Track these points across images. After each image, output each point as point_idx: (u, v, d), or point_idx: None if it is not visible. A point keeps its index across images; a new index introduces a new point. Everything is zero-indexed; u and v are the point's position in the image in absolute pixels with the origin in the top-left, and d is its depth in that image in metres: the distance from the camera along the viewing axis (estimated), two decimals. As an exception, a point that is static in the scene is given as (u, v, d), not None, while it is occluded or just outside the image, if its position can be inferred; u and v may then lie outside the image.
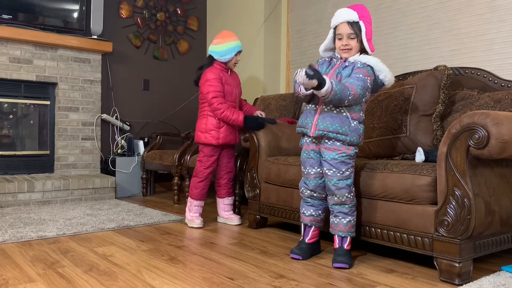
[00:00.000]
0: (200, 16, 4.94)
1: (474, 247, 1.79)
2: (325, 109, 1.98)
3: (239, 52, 2.81)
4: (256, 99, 3.95)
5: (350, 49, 2.03)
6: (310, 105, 2.06)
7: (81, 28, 4.03)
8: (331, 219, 2.05)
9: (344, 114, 1.97)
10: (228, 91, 2.77)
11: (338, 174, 1.98)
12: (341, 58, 2.08)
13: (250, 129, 2.77)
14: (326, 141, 2.00)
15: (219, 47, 2.77)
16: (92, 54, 4.12)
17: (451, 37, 2.86)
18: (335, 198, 2.01)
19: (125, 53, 4.44)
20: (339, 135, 1.95)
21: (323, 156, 2.02)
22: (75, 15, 4.02)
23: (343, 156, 1.98)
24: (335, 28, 2.07)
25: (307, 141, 2.08)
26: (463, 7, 2.80)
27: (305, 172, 2.10)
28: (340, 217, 2.01)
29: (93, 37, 4.05)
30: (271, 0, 4.12)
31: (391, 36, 3.20)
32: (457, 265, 1.74)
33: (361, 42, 2.02)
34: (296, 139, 2.81)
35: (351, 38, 2.02)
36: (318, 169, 2.06)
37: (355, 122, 1.98)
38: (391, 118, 2.44)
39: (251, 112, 2.93)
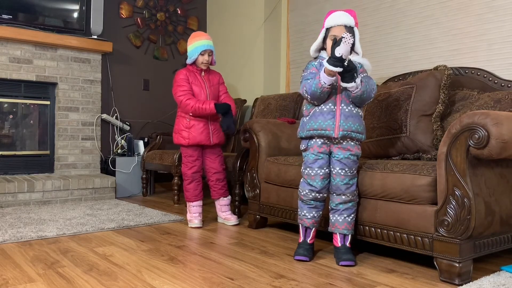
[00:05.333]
0: (200, 16, 4.94)
1: (474, 247, 1.79)
2: (346, 109, 2.00)
3: (205, 51, 2.74)
4: (256, 99, 3.95)
5: None
6: (325, 107, 2.01)
7: (81, 28, 4.03)
8: (334, 218, 2.06)
9: (360, 113, 2.06)
10: (196, 92, 2.78)
11: (349, 173, 2.03)
12: None
13: (223, 114, 2.72)
14: (341, 141, 2.02)
15: (187, 49, 2.81)
16: (92, 54, 4.13)
17: (451, 37, 2.86)
18: (343, 197, 2.04)
19: (125, 53, 4.44)
20: (359, 134, 2.02)
21: (336, 156, 2.03)
22: (75, 15, 4.02)
23: (355, 156, 2.04)
24: (328, 29, 2.06)
25: (319, 142, 2.05)
26: (463, 7, 2.80)
27: (313, 174, 2.06)
28: (345, 215, 2.04)
29: (93, 37, 4.05)
30: (271, 0, 4.12)
31: (391, 36, 3.20)
32: (457, 265, 1.74)
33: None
34: (297, 139, 2.81)
35: None
36: (327, 170, 2.06)
37: (363, 121, 2.08)
38: (391, 118, 2.44)
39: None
